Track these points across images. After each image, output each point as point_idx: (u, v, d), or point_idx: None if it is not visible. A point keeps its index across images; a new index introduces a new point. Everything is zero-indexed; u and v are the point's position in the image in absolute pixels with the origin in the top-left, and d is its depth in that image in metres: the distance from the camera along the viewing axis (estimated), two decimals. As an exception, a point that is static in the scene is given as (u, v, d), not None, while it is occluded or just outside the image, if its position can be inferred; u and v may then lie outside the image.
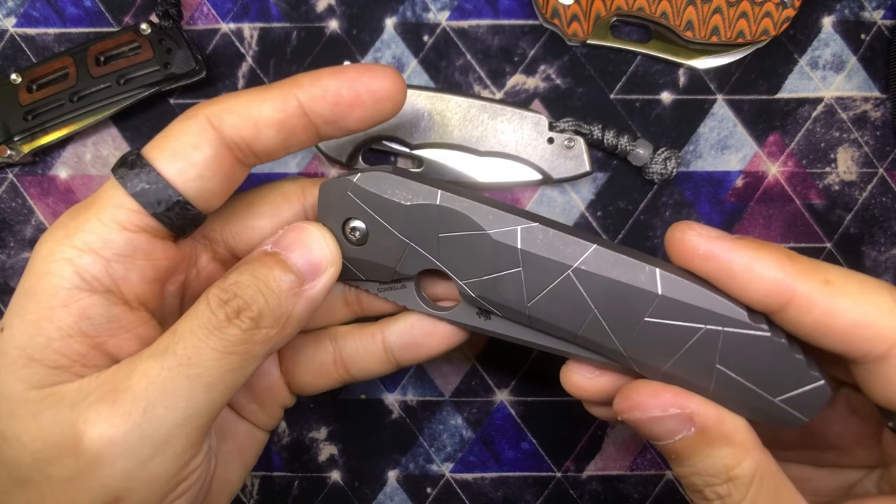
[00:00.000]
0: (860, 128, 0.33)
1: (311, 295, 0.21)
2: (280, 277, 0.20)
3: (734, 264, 0.20)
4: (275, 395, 0.27)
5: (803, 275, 0.19)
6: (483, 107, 0.31)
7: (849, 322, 0.19)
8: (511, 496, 0.34)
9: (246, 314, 0.20)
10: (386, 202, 0.22)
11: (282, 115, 0.20)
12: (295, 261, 0.21)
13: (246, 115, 0.20)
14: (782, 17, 0.30)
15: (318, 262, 0.21)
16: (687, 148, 0.33)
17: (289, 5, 0.32)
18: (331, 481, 0.34)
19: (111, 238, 0.19)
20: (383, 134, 0.31)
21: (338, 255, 0.22)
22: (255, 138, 0.20)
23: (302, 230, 0.22)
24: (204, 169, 0.20)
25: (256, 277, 0.20)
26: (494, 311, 0.23)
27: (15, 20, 0.32)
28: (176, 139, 0.20)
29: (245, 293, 0.20)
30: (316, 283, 0.21)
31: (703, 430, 0.20)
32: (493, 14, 0.33)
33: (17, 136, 0.31)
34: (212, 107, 0.20)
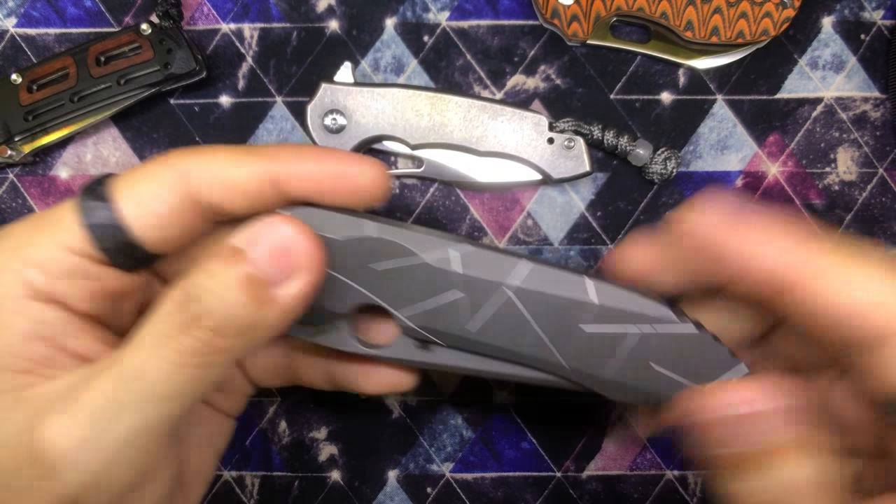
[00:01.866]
0: (860, 128, 0.33)
1: (282, 302, 0.19)
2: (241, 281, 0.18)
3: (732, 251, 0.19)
4: (235, 384, 0.26)
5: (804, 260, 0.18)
6: (483, 107, 0.31)
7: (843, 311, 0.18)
8: (511, 496, 0.34)
9: (204, 323, 0.18)
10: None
11: (256, 185, 0.20)
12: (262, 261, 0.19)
13: (220, 178, 0.20)
14: (782, 17, 0.30)
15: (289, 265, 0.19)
16: (687, 148, 0.33)
17: (289, 5, 0.33)
18: (331, 481, 0.34)
19: (56, 257, 0.19)
20: (383, 134, 0.31)
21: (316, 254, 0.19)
22: (223, 201, 0.20)
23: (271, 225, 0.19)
24: (164, 220, 0.20)
25: (218, 280, 0.18)
26: (435, 342, 0.23)
27: (15, 20, 0.33)
28: (146, 183, 0.20)
29: (203, 298, 0.18)
30: (287, 287, 0.19)
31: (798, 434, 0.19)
32: (493, 14, 0.33)
33: (17, 137, 0.31)
34: (189, 160, 0.20)
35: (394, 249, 0.21)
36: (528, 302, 0.21)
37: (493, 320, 0.22)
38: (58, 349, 0.19)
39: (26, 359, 0.19)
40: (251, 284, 0.18)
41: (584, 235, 0.33)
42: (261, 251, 0.19)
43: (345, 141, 0.31)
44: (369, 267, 0.21)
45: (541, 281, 0.21)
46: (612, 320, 0.21)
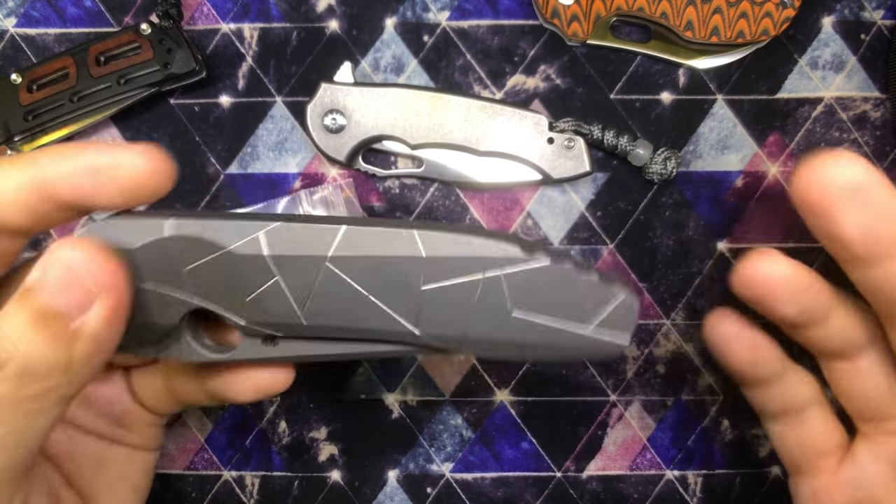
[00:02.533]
0: (860, 128, 0.33)
1: (88, 333, 0.17)
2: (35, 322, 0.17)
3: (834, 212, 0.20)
4: (135, 417, 0.25)
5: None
6: (483, 107, 0.31)
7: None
8: (511, 496, 0.34)
9: (5, 373, 0.16)
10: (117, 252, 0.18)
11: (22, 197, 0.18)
12: (51, 297, 0.17)
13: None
14: (782, 17, 0.30)
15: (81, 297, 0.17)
16: (687, 148, 0.33)
17: (289, 5, 0.32)
18: (331, 481, 0.34)
19: None
20: (383, 134, 0.31)
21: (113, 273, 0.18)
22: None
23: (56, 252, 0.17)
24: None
25: (10, 324, 0.17)
26: (275, 334, 0.21)
27: (15, 20, 0.33)
28: None
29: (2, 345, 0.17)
30: (88, 318, 0.17)
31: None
32: (493, 14, 0.33)
33: (17, 137, 0.31)
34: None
35: (198, 246, 0.19)
36: (352, 270, 0.19)
37: (320, 299, 0.19)
38: None
39: None
40: (46, 322, 0.17)
41: (584, 235, 0.33)
42: (51, 283, 0.17)
43: (345, 141, 0.31)
44: (181, 269, 0.19)
45: (362, 244, 0.19)
46: (450, 273, 0.19)
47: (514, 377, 0.34)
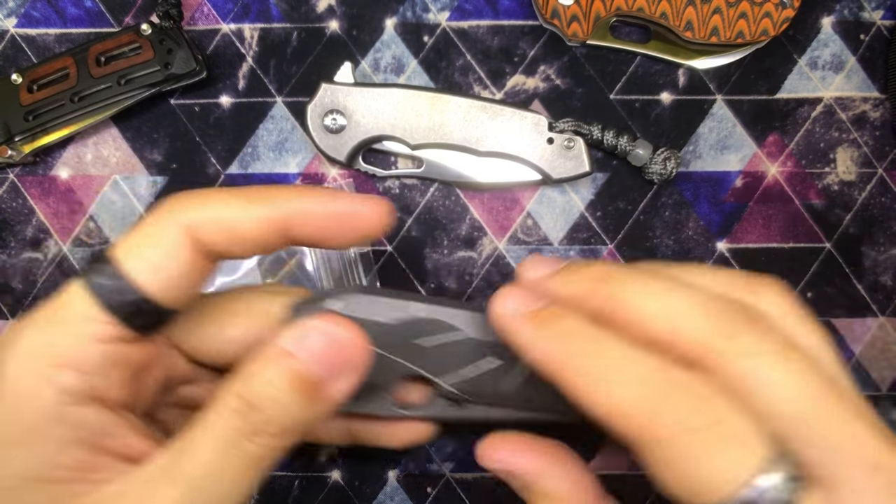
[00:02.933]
0: (859, 128, 0.33)
1: (332, 399, 0.20)
2: (300, 389, 0.19)
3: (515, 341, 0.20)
4: None
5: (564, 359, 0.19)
6: (483, 107, 0.31)
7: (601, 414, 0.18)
8: (511, 496, 0.34)
9: (268, 431, 0.19)
10: (364, 323, 0.22)
11: (262, 231, 0.20)
12: (315, 367, 0.19)
13: (225, 227, 0.20)
14: (782, 17, 0.31)
15: (342, 370, 0.20)
16: (686, 148, 0.33)
17: (289, 6, 0.33)
18: (331, 481, 0.34)
19: (88, 352, 0.19)
20: (383, 134, 0.31)
21: (362, 352, 0.20)
22: (229, 246, 0.20)
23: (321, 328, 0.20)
24: (179, 279, 0.19)
25: (275, 387, 0.19)
26: (469, 400, 0.24)
27: (16, 20, 0.33)
28: (151, 248, 0.19)
29: (266, 408, 0.19)
30: (339, 385, 0.20)
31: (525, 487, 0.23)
32: (493, 14, 0.33)
33: (17, 137, 0.31)
34: (188, 213, 0.20)
35: (439, 326, 0.23)
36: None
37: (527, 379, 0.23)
38: (100, 452, 0.19)
39: (67, 468, 0.18)
40: (306, 387, 0.19)
41: (584, 235, 0.33)
42: (317, 352, 0.19)
43: (345, 141, 0.31)
44: (415, 343, 0.23)
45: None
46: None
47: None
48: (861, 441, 0.16)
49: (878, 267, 0.33)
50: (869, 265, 0.33)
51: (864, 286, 0.33)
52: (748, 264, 0.33)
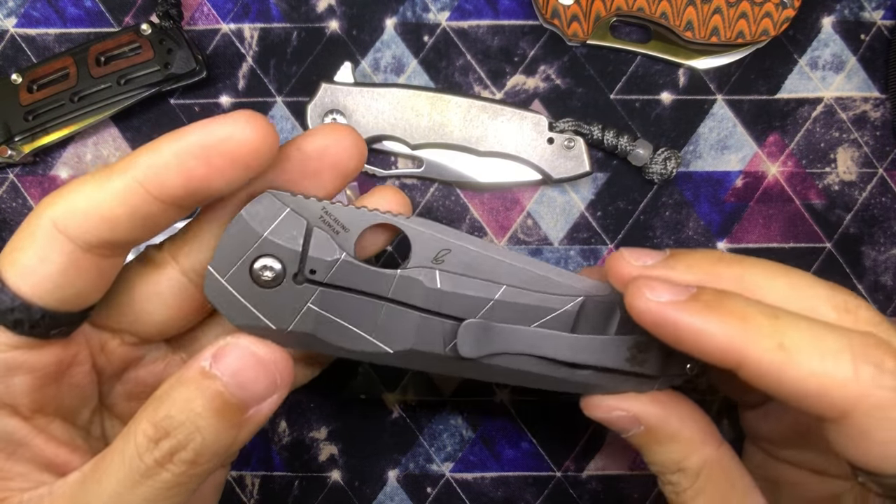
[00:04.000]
0: (860, 128, 0.33)
1: (257, 420, 0.19)
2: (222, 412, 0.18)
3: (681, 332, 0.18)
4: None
5: (754, 340, 0.18)
6: (483, 107, 0.31)
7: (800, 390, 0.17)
8: (511, 496, 0.34)
9: (181, 457, 0.17)
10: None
11: (129, 208, 0.17)
12: (237, 389, 0.18)
13: (91, 215, 0.17)
14: (782, 17, 0.31)
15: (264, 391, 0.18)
16: (687, 148, 0.33)
17: (289, 5, 0.33)
18: (331, 481, 0.34)
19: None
20: (383, 134, 0.31)
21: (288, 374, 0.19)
22: (110, 234, 0.18)
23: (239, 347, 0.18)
24: (60, 280, 0.18)
25: (192, 411, 0.18)
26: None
27: (15, 20, 0.33)
28: (24, 251, 0.18)
29: (179, 432, 0.17)
30: (262, 408, 0.19)
31: (650, 429, 0.22)
32: (493, 14, 0.33)
33: (17, 137, 0.31)
34: (54, 208, 0.18)
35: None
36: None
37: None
38: (14, 459, 0.19)
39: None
40: (227, 410, 0.18)
41: (584, 235, 0.33)
42: (240, 374, 0.18)
43: (345, 141, 0.31)
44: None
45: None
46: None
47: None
48: None
49: (878, 267, 0.33)
50: (869, 265, 0.33)
51: (864, 286, 0.33)
52: (748, 264, 0.33)
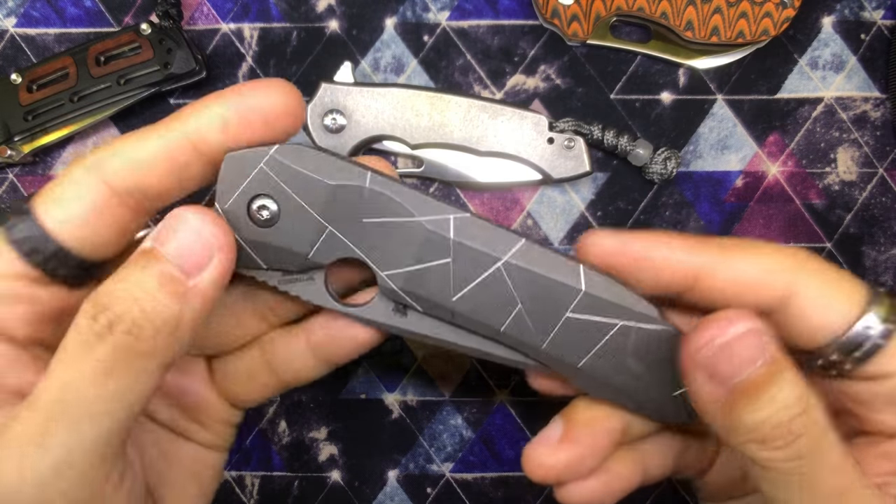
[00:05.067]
0: (860, 128, 0.33)
1: (200, 289, 0.18)
2: (155, 277, 0.18)
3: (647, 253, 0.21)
4: (212, 411, 0.25)
5: (701, 248, 0.21)
6: (483, 107, 0.31)
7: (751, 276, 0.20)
8: (511, 496, 0.34)
9: (119, 328, 0.17)
10: (308, 179, 0.20)
11: (167, 152, 0.19)
12: (173, 255, 0.18)
13: (129, 158, 0.19)
14: (782, 17, 0.30)
15: (201, 253, 0.18)
16: (687, 148, 0.33)
17: (289, 5, 0.32)
18: (331, 481, 0.34)
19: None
20: (383, 134, 0.31)
21: (226, 239, 0.19)
22: (142, 181, 0.19)
23: (178, 218, 0.19)
24: (87, 219, 0.19)
25: (129, 282, 0.18)
26: (414, 306, 0.22)
27: (15, 20, 0.33)
28: (60, 187, 0.19)
29: (116, 304, 0.18)
30: (202, 276, 0.18)
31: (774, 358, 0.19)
32: (493, 14, 0.33)
33: (17, 137, 0.31)
34: (96, 154, 0.19)
35: (390, 206, 0.21)
36: (517, 278, 0.21)
37: (479, 292, 0.21)
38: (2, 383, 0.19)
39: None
40: (165, 279, 0.18)
41: (584, 235, 0.33)
42: (179, 244, 0.18)
43: (344, 141, 0.31)
44: (359, 220, 0.21)
45: (534, 259, 0.21)
46: (598, 311, 0.21)
47: (514, 377, 0.34)
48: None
49: (878, 267, 0.33)
50: (870, 265, 0.33)
51: (864, 286, 0.33)
52: (748, 264, 0.33)
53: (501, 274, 0.21)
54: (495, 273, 0.21)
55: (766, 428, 0.18)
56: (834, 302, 0.20)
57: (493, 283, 0.21)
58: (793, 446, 0.18)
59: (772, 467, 0.19)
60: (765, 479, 0.19)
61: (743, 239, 0.22)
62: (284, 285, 0.22)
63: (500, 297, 0.21)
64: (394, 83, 0.32)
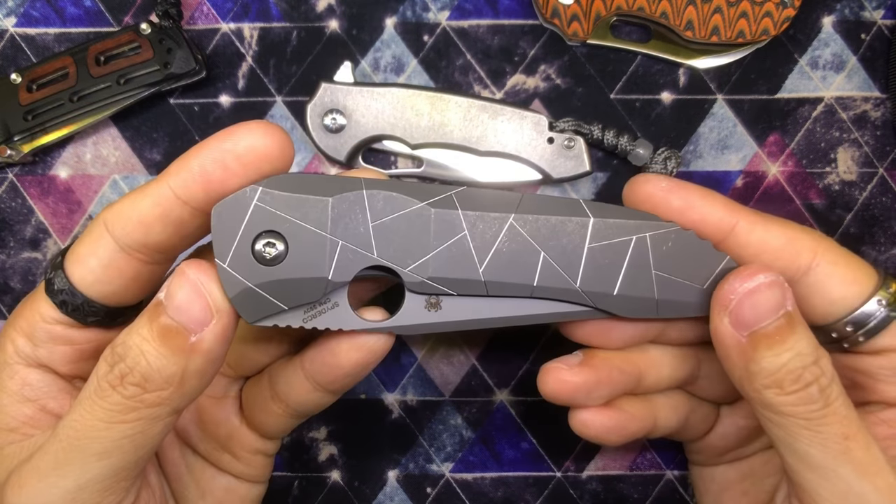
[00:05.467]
0: (860, 128, 0.33)
1: (203, 348, 0.19)
2: (163, 335, 0.19)
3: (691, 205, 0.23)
4: (242, 441, 0.26)
5: (739, 209, 0.23)
6: (483, 107, 0.31)
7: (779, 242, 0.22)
8: (511, 496, 0.34)
9: (129, 380, 0.19)
10: (306, 201, 0.20)
11: (160, 209, 0.20)
12: (174, 311, 0.19)
13: (130, 217, 0.20)
14: (782, 16, 0.30)
15: (200, 310, 0.19)
16: (687, 148, 0.33)
17: (289, 5, 0.32)
18: (331, 481, 0.34)
19: (36, 326, 0.22)
20: (383, 134, 0.31)
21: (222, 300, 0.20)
22: (145, 237, 0.20)
23: (180, 274, 0.20)
24: (101, 274, 0.21)
25: (139, 335, 0.19)
26: (446, 292, 0.21)
27: (15, 20, 0.33)
28: (82, 244, 0.21)
29: (128, 356, 0.19)
30: (205, 334, 0.19)
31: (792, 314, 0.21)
32: (493, 14, 0.33)
33: (17, 136, 0.31)
34: (108, 211, 0.21)
35: (392, 203, 0.21)
36: (531, 228, 0.22)
37: (500, 254, 0.22)
38: (41, 410, 0.22)
39: (14, 418, 0.21)
40: (169, 336, 0.19)
41: (584, 235, 0.33)
42: (175, 301, 0.19)
43: (344, 140, 0.31)
44: (367, 227, 0.20)
45: (540, 206, 0.22)
46: (612, 234, 0.22)
47: (514, 377, 0.34)
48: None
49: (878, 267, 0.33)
50: (870, 265, 0.33)
51: (864, 286, 0.33)
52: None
53: (516, 229, 0.22)
54: (510, 230, 0.22)
55: (782, 373, 0.20)
56: (852, 279, 0.22)
57: (512, 241, 0.22)
58: (805, 391, 0.20)
59: (784, 412, 0.20)
60: (776, 424, 0.21)
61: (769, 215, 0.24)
62: (311, 321, 0.21)
63: (523, 251, 0.22)
64: (394, 83, 0.32)
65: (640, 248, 0.22)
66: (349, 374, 0.23)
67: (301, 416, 0.26)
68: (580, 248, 0.22)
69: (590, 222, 0.22)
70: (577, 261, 0.22)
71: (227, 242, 0.20)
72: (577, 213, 0.22)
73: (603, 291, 0.23)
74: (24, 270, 0.33)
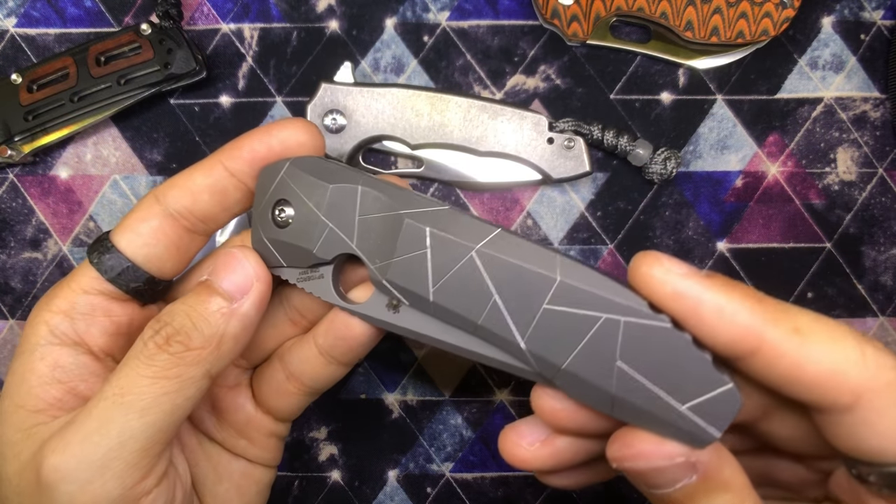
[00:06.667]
0: (860, 128, 0.33)
1: (241, 312, 0.22)
2: (207, 300, 0.22)
3: (703, 306, 0.18)
4: (257, 426, 0.27)
5: (773, 321, 0.18)
6: (483, 107, 0.31)
7: (818, 373, 0.18)
8: (511, 496, 0.34)
9: (175, 339, 0.21)
10: (314, 184, 0.23)
11: (210, 180, 0.23)
12: (222, 283, 0.22)
13: (183, 186, 0.23)
14: (782, 17, 0.31)
15: (243, 282, 0.22)
16: (687, 148, 0.33)
17: (289, 5, 0.33)
18: (331, 481, 0.34)
19: (75, 300, 0.23)
20: (383, 134, 0.31)
21: (263, 271, 0.23)
22: (193, 205, 0.23)
23: (226, 255, 0.23)
24: (149, 238, 0.23)
25: (187, 304, 0.22)
26: (400, 299, 0.22)
27: (15, 20, 0.33)
28: (130, 216, 0.23)
29: (174, 321, 0.21)
30: (244, 301, 0.22)
31: (705, 478, 0.19)
32: (493, 14, 0.33)
33: (17, 137, 0.31)
34: (159, 186, 0.24)
35: (377, 203, 0.22)
36: (492, 267, 0.20)
37: (452, 281, 0.21)
38: (68, 392, 0.22)
39: (42, 399, 0.22)
40: (215, 302, 0.22)
41: (584, 235, 0.33)
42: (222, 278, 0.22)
43: (345, 140, 0.31)
44: (354, 218, 0.23)
45: (508, 248, 0.20)
46: (577, 303, 0.19)
47: (513, 377, 0.34)
48: None
49: (878, 267, 0.33)
50: (869, 265, 0.33)
51: (864, 286, 0.33)
52: (748, 264, 0.33)
53: (475, 263, 0.21)
54: (469, 262, 0.21)
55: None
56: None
57: (468, 273, 0.21)
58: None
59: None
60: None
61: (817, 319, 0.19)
62: (301, 282, 0.24)
63: (476, 287, 0.21)
64: (394, 83, 0.32)
65: (608, 330, 0.19)
66: (363, 343, 0.25)
67: (314, 394, 0.27)
68: (537, 305, 0.20)
69: (555, 282, 0.19)
70: (529, 317, 0.20)
71: (260, 200, 0.24)
72: (546, 268, 0.20)
73: (551, 360, 0.20)
74: (24, 270, 0.33)
